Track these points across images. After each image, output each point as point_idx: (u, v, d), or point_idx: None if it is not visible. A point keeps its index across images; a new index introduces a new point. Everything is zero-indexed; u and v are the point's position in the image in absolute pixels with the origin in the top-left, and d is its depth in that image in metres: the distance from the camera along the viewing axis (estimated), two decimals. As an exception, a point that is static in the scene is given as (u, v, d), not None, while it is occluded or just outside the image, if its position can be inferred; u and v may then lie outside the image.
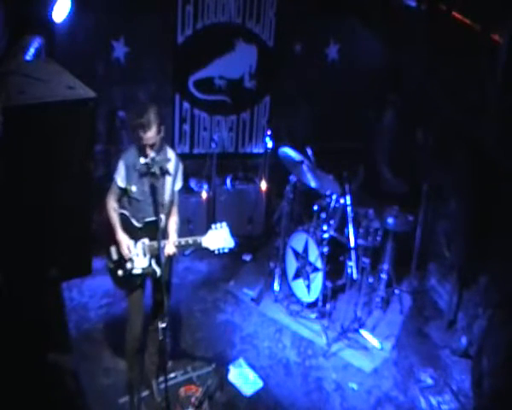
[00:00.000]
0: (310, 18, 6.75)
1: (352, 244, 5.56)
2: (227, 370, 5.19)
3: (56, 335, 3.70)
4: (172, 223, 4.42)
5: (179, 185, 4.44)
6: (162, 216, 4.29)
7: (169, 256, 4.30)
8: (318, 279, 5.75)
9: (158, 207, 4.19)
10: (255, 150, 7.17)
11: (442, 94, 5.86)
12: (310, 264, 5.83)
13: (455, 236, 5.91)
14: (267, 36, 6.77)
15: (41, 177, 2.44)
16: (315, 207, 5.90)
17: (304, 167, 5.80)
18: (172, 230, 4.40)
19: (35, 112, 2.36)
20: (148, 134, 4.09)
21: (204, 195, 6.65)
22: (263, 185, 6.80)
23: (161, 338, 4.07)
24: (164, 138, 4.32)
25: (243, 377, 5.18)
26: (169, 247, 4.26)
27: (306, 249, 5.86)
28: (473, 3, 5.38)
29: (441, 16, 5.71)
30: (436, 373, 5.43)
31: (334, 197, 5.81)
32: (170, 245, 4.27)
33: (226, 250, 4.26)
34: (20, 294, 2.70)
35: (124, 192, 4.34)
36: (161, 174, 4.23)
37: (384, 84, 6.98)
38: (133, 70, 6.42)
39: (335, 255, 5.80)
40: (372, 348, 5.62)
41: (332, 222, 5.82)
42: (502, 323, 4.99)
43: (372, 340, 5.65)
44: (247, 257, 6.68)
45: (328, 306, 5.71)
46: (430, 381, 5.36)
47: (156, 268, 4.32)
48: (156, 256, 4.25)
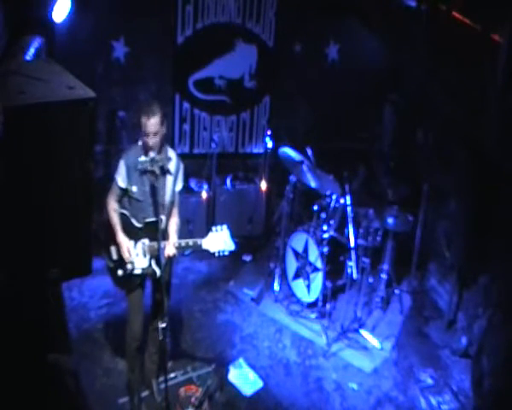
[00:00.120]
0: (310, 18, 6.76)
1: (352, 244, 5.57)
2: (227, 370, 5.19)
3: (56, 335, 3.70)
4: (173, 224, 4.41)
5: (180, 186, 4.44)
6: (163, 217, 4.27)
7: (169, 257, 4.29)
8: (318, 279, 5.75)
9: (158, 207, 4.18)
10: (255, 150, 7.16)
11: (442, 94, 5.87)
12: (310, 264, 5.83)
13: (455, 236, 5.90)
14: (267, 36, 6.77)
15: (41, 177, 2.44)
16: (315, 207, 5.90)
17: (304, 167, 5.80)
18: (173, 231, 4.38)
19: (35, 112, 2.36)
20: (152, 120, 4.09)
21: (204, 195, 6.64)
22: (263, 185, 6.79)
23: (161, 338, 4.06)
24: (165, 139, 4.33)
25: (243, 377, 5.18)
26: (169, 248, 4.25)
27: (306, 249, 5.86)
28: (473, 3, 5.38)
29: (441, 16, 5.71)
30: (436, 373, 5.42)
31: (334, 197, 5.81)
32: (170, 246, 4.26)
33: (226, 253, 4.26)
34: (21, 294, 2.70)
35: (124, 192, 4.33)
36: (162, 174, 4.22)
37: (384, 84, 6.98)
38: (133, 70, 6.42)
39: (335, 255, 5.80)
40: (372, 348, 5.61)
41: (332, 222, 5.82)
42: (502, 323, 4.99)
43: (372, 340, 5.65)
44: (247, 257, 6.67)
45: (328, 306, 5.71)
46: (430, 381, 5.35)
47: (156, 269, 4.31)
48: (156, 257, 4.24)
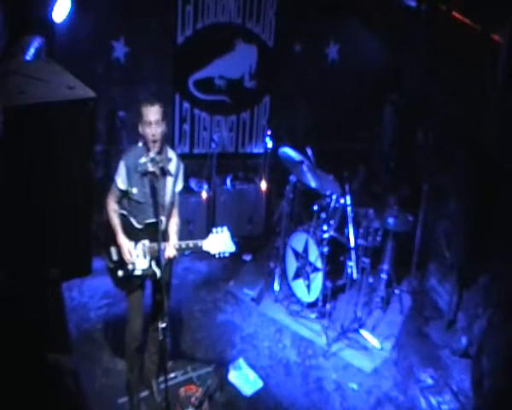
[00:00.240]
0: (310, 18, 6.75)
1: (352, 244, 5.57)
2: (227, 370, 5.19)
3: (56, 335, 3.70)
4: (173, 225, 4.40)
5: (180, 186, 4.42)
6: (162, 218, 4.26)
7: (169, 259, 4.28)
8: (318, 279, 5.75)
9: (158, 208, 4.17)
10: (255, 150, 7.16)
11: (442, 94, 5.87)
12: (310, 264, 5.83)
13: (455, 236, 5.90)
14: (267, 36, 6.77)
15: (41, 177, 2.44)
16: (315, 207, 5.90)
17: (304, 167, 5.79)
18: (173, 232, 4.37)
19: (35, 112, 2.36)
20: (154, 108, 4.11)
21: (204, 195, 6.64)
22: (263, 185, 6.79)
23: (161, 338, 4.06)
24: (165, 139, 4.32)
25: (243, 377, 5.18)
26: (169, 249, 4.24)
27: (306, 249, 5.86)
28: (473, 3, 5.38)
29: (441, 16, 5.71)
30: (436, 373, 5.42)
31: (334, 197, 5.81)
32: (170, 248, 4.24)
33: (227, 254, 4.25)
34: (21, 294, 2.70)
35: (124, 194, 4.31)
36: (162, 175, 4.21)
37: (384, 84, 6.98)
38: (133, 70, 6.42)
39: (335, 255, 5.80)
40: (372, 348, 5.61)
41: (332, 222, 5.82)
42: (502, 323, 4.99)
43: (372, 340, 5.65)
44: (247, 257, 6.67)
45: (328, 306, 5.70)
46: (430, 381, 5.35)
47: (156, 270, 4.29)
48: (156, 258, 4.22)
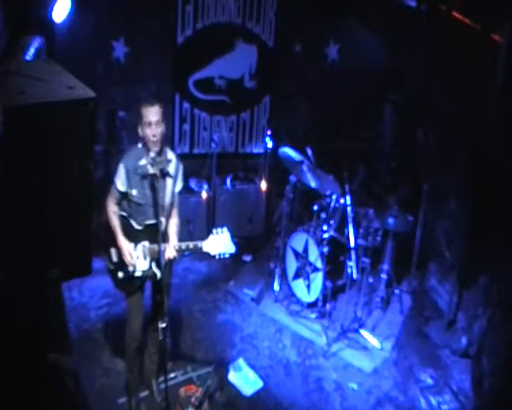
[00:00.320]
0: (310, 18, 6.75)
1: (352, 244, 5.56)
2: (227, 370, 5.19)
3: (56, 335, 3.70)
4: (173, 225, 4.38)
5: (179, 187, 4.41)
6: (162, 219, 4.25)
7: (169, 260, 4.27)
8: (318, 279, 5.75)
9: (158, 209, 4.16)
10: (255, 150, 7.16)
11: (442, 94, 5.87)
12: (310, 264, 5.83)
13: (455, 236, 5.90)
14: (267, 36, 6.77)
15: (41, 177, 2.44)
16: (315, 207, 5.90)
17: (304, 167, 5.79)
18: (173, 232, 4.35)
19: (35, 112, 2.36)
20: (154, 108, 4.10)
21: (204, 195, 6.64)
22: (263, 185, 6.79)
23: (161, 338, 4.06)
24: (164, 139, 4.32)
25: (243, 377, 5.18)
26: (169, 250, 4.22)
27: (306, 249, 5.86)
28: (473, 3, 5.38)
29: (441, 16, 5.71)
30: (436, 373, 5.42)
31: (334, 197, 5.81)
32: (170, 249, 4.23)
33: (227, 255, 4.24)
34: (21, 294, 2.70)
35: (124, 196, 4.30)
36: (162, 176, 4.20)
37: (384, 84, 6.98)
38: (133, 70, 6.42)
39: (335, 255, 5.80)
40: (372, 348, 5.61)
41: (332, 222, 5.82)
42: (502, 323, 4.99)
43: (372, 340, 5.65)
44: (247, 257, 6.67)
45: (328, 306, 5.70)
46: (430, 381, 5.35)
47: (156, 271, 4.28)
48: (157, 259, 4.21)
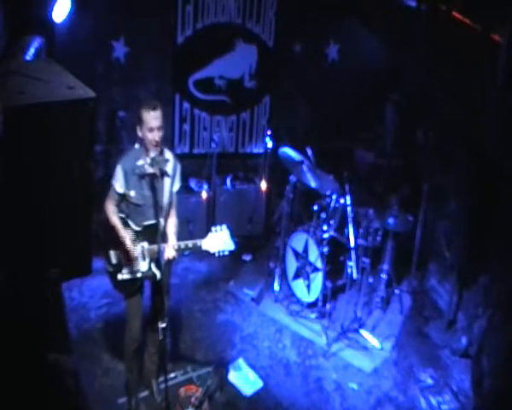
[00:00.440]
0: (310, 18, 6.76)
1: (352, 244, 5.56)
2: (227, 370, 5.19)
3: (56, 335, 3.69)
4: (171, 225, 4.36)
5: (177, 186, 4.38)
6: (161, 219, 4.22)
7: (168, 260, 4.25)
8: (318, 279, 5.75)
9: (158, 209, 4.15)
10: (255, 150, 7.16)
11: (442, 94, 5.87)
12: (310, 264, 5.83)
13: (455, 236, 5.90)
14: (267, 36, 6.77)
15: (41, 177, 2.43)
16: (315, 207, 5.90)
17: (304, 167, 5.79)
18: (171, 232, 4.33)
19: (35, 112, 2.35)
20: (156, 113, 4.07)
21: (204, 195, 6.64)
22: (263, 185, 6.79)
23: (161, 338, 4.06)
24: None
25: (243, 377, 5.18)
26: (169, 250, 4.20)
27: (306, 249, 5.86)
28: (473, 3, 5.38)
29: (441, 16, 5.71)
30: (436, 373, 5.42)
31: (334, 197, 5.81)
32: (169, 249, 4.20)
33: (226, 253, 4.22)
34: (21, 294, 2.70)
35: (122, 197, 4.28)
36: (160, 175, 4.20)
37: (384, 84, 6.98)
38: (133, 70, 6.42)
39: (335, 255, 5.80)
40: (372, 348, 5.61)
41: (332, 222, 5.82)
42: (502, 323, 4.99)
43: (372, 340, 5.65)
44: (247, 257, 6.67)
45: (328, 306, 5.70)
46: (430, 381, 5.35)
47: (156, 271, 4.25)
48: (156, 260, 4.20)
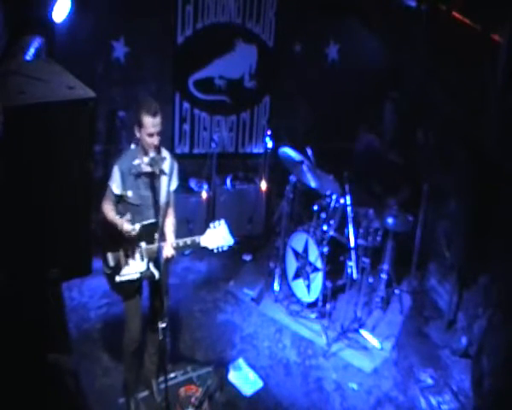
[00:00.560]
0: (310, 18, 6.76)
1: (352, 244, 5.56)
2: (227, 370, 5.19)
3: (56, 335, 3.70)
4: (169, 224, 4.34)
5: (175, 185, 4.36)
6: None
7: (167, 259, 4.23)
8: (318, 279, 5.75)
9: (158, 207, 4.13)
10: (255, 150, 7.16)
11: (442, 94, 5.87)
12: (310, 264, 5.83)
13: (455, 236, 5.90)
14: (267, 36, 6.77)
15: (41, 177, 2.44)
16: (315, 207, 5.90)
17: (304, 167, 5.79)
18: (169, 231, 4.31)
19: (35, 112, 2.36)
20: (157, 119, 4.03)
21: (204, 195, 6.64)
22: (263, 185, 6.79)
23: (161, 338, 4.06)
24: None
25: (243, 377, 5.18)
26: (167, 249, 4.18)
27: (306, 249, 5.86)
28: (473, 3, 5.38)
29: (441, 16, 5.71)
30: (436, 373, 5.42)
31: (334, 197, 5.81)
32: (168, 247, 4.19)
33: (225, 248, 4.20)
34: (21, 294, 2.70)
35: (119, 198, 4.25)
36: (158, 174, 4.17)
37: (384, 84, 6.98)
38: (133, 70, 6.42)
39: (335, 255, 5.80)
40: (372, 348, 5.61)
41: (332, 222, 5.82)
42: (502, 323, 4.99)
43: (372, 340, 5.65)
44: (247, 257, 6.67)
45: (328, 306, 5.70)
46: (430, 381, 5.35)
47: (154, 271, 4.23)
48: (154, 259, 4.18)
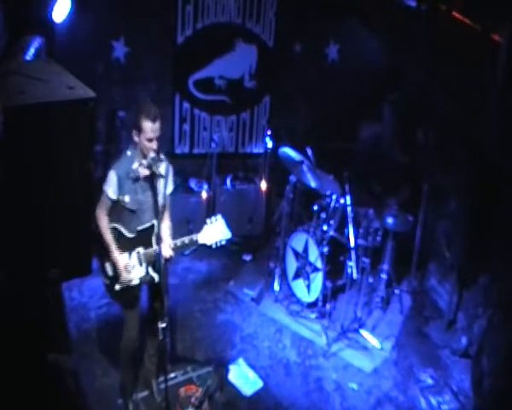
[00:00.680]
0: (310, 18, 6.76)
1: (352, 244, 5.56)
2: (227, 370, 5.19)
3: (56, 335, 3.70)
4: (165, 228, 4.30)
5: (171, 188, 4.33)
6: (155, 221, 4.14)
7: (166, 260, 4.21)
8: (318, 279, 5.75)
9: (158, 208, 4.08)
10: (255, 150, 7.17)
11: (442, 94, 5.87)
12: (310, 264, 5.83)
13: (455, 236, 5.90)
14: (267, 36, 6.77)
15: (41, 177, 2.44)
16: (315, 207, 5.90)
17: (304, 167, 5.79)
18: (166, 234, 4.27)
19: (35, 112, 2.36)
20: (157, 125, 4.00)
21: (204, 195, 6.65)
22: (263, 185, 6.79)
23: (161, 338, 4.06)
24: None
25: (243, 377, 5.18)
26: (166, 250, 4.15)
27: (306, 249, 5.86)
28: (473, 3, 5.38)
29: (441, 16, 5.71)
30: (436, 373, 5.42)
31: (334, 197, 5.81)
32: (166, 248, 4.17)
33: (224, 242, 4.19)
34: (21, 294, 2.70)
35: (115, 203, 4.18)
36: (156, 177, 4.12)
37: (384, 84, 6.98)
38: (133, 70, 6.43)
39: (335, 255, 5.80)
40: (372, 348, 5.61)
41: (332, 222, 5.82)
42: (502, 323, 4.99)
43: (372, 340, 5.65)
44: (247, 257, 6.67)
45: (328, 306, 5.70)
46: (430, 381, 5.35)
47: (154, 275, 4.22)
48: (153, 263, 4.17)
